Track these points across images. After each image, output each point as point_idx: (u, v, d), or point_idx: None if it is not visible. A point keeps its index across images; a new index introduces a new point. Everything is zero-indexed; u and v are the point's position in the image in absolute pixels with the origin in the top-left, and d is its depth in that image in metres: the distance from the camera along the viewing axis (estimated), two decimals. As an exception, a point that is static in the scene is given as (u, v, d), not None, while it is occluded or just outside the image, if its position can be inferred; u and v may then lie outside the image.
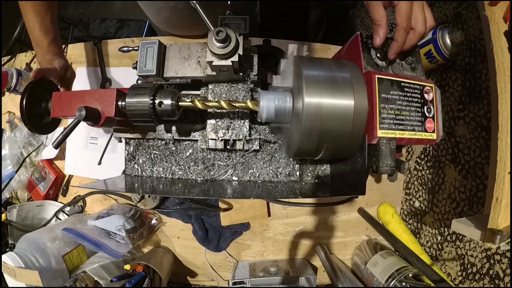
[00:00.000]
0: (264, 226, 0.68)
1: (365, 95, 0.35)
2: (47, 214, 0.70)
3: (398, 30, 0.37)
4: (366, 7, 0.42)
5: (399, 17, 0.37)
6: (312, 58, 0.38)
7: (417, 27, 0.37)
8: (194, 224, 0.66)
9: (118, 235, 0.58)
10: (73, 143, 0.71)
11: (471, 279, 0.49)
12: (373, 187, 0.69)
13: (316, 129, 0.34)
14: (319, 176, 0.50)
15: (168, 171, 0.49)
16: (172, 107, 0.38)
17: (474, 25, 0.51)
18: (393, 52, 0.39)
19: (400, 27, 0.37)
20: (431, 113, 0.40)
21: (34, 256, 0.53)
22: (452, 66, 0.56)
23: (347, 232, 0.68)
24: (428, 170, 0.62)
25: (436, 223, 0.58)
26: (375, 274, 0.56)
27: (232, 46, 0.35)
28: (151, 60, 0.42)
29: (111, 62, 0.73)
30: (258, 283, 0.57)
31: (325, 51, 0.71)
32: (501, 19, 0.38)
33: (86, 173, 0.70)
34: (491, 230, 0.35)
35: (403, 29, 0.37)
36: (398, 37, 0.37)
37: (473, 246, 0.49)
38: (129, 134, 0.47)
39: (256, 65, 0.44)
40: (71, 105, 0.40)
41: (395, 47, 0.38)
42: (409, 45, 0.38)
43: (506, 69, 0.36)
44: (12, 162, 0.71)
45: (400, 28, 0.37)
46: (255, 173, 0.49)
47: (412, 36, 0.38)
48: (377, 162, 0.37)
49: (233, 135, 0.44)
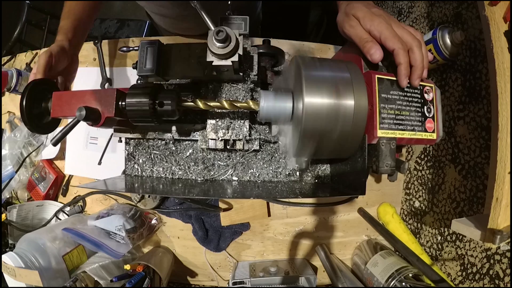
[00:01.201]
0: (264, 226, 0.68)
1: (365, 95, 0.35)
2: (47, 214, 0.70)
3: (397, 52, 0.36)
4: (347, 38, 0.42)
5: (390, 42, 0.36)
6: (312, 58, 0.38)
7: (413, 42, 0.37)
8: (194, 224, 0.66)
9: (118, 235, 0.58)
10: (73, 143, 0.71)
11: (471, 279, 0.49)
12: (373, 187, 0.69)
13: (316, 129, 0.34)
14: (319, 176, 0.50)
15: (168, 171, 0.49)
16: (172, 107, 0.38)
17: (474, 25, 0.51)
18: (403, 77, 0.37)
19: (397, 48, 0.36)
20: (431, 113, 0.40)
21: (34, 256, 0.53)
22: (452, 66, 0.56)
23: (347, 232, 0.68)
24: (428, 170, 0.62)
25: (436, 223, 0.58)
26: (375, 274, 0.56)
27: (232, 46, 0.35)
28: (151, 60, 0.42)
29: (111, 62, 0.73)
30: (258, 283, 0.57)
31: (325, 51, 0.71)
32: (501, 19, 0.38)
33: (86, 173, 0.70)
34: (491, 230, 0.35)
35: (399, 49, 0.36)
36: (400, 58, 0.36)
37: (473, 246, 0.49)
38: (129, 134, 0.47)
39: (256, 65, 0.44)
40: (71, 105, 0.40)
41: (402, 70, 0.36)
42: (419, 61, 0.37)
43: (506, 69, 0.36)
44: (12, 162, 0.71)
45: (397, 49, 0.36)
46: (255, 173, 0.49)
47: (415, 49, 0.37)
48: (377, 162, 0.37)
49: (233, 135, 0.44)
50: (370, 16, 0.38)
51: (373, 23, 0.38)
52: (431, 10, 0.64)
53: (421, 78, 0.37)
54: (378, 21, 0.38)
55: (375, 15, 0.38)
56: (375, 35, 0.37)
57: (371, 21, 0.38)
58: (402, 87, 0.38)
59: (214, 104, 0.39)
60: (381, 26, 0.37)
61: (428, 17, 0.65)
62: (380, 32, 0.37)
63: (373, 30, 0.38)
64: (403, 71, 0.37)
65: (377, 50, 0.36)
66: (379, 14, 0.39)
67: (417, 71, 0.37)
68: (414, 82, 0.37)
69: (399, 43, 0.36)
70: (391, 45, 0.36)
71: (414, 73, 0.37)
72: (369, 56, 0.37)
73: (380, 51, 0.37)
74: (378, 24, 0.37)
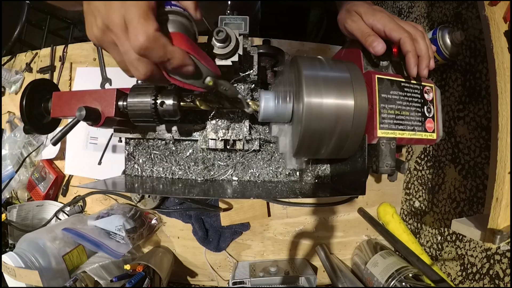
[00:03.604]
0: (264, 226, 0.68)
1: (365, 95, 0.35)
2: (47, 214, 0.70)
3: (404, 41, 0.36)
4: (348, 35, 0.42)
5: (395, 33, 0.36)
6: (312, 58, 0.38)
7: (417, 33, 0.37)
8: (194, 224, 0.65)
9: (118, 235, 0.58)
10: (73, 143, 0.71)
11: (471, 279, 0.49)
12: (373, 187, 0.69)
13: (316, 129, 0.34)
14: (319, 176, 0.50)
15: (168, 171, 0.49)
16: (174, 107, 0.38)
17: (474, 25, 0.51)
18: (413, 64, 0.37)
19: (404, 37, 0.36)
20: (431, 113, 0.40)
21: (34, 256, 0.53)
22: (452, 66, 0.56)
23: (347, 232, 0.68)
24: (428, 170, 0.62)
25: (436, 223, 0.58)
26: (375, 274, 0.56)
27: (232, 46, 0.35)
28: (151, 60, 0.42)
29: (111, 62, 0.73)
30: (258, 283, 0.57)
31: (325, 51, 0.71)
32: (501, 19, 0.38)
33: (86, 173, 0.70)
34: (491, 230, 0.35)
35: (406, 38, 0.36)
36: (407, 46, 0.36)
37: (473, 246, 0.49)
38: (129, 134, 0.47)
39: (256, 65, 0.44)
40: (71, 105, 0.40)
41: (411, 58, 0.36)
42: (424, 50, 0.37)
43: (506, 69, 0.36)
44: (12, 162, 0.71)
45: (404, 38, 0.36)
46: (255, 173, 0.49)
47: (420, 40, 0.37)
48: (377, 162, 0.37)
49: (233, 135, 0.44)
50: (372, 11, 0.39)
51: (375, 17, 0.38)
52: (431, 10, 0.64)
53: (428, 68, 0.37)
54: (381, 15, 0.38)
55: (376, 10, 0.39)
56: (379, 29, 0.38)
57: (374, 16, 0.38)
58: (412, 76, 0.38)
59: (214, 105, 0.39)
60: (384, 19, 0.37)
61: (428, 17, 0.65)
62: (384, 25, 0.37)
63: (376, 24, 0.38)
64: (411, 59, 0.36)
65: (379, 42, 0.37)
66: (380, 10, 0.39)
67: (424, 60, 0.37)
68: (423, 71, 0.37)
69: (405, 33, 0.36)
70: (397, 35, 0.36)
71: (421, 63, 0.37)
72: (372, 49, 0.37)
73: (383, 43, 0.37)
74: (381, 17, 0.38)
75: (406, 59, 0.37)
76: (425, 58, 0.37)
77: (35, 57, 0.78)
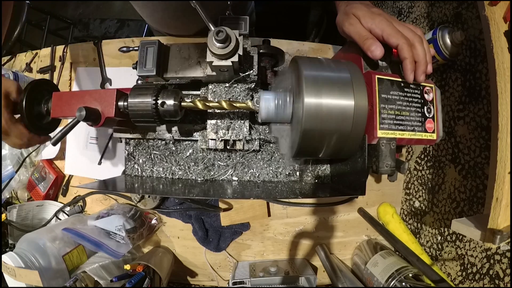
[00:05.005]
0: (264, 226, 0.68)
1: (365, 95, 0.35)
2: (47, 214, 0.70)
3: (401, 47, 0.36)
4: (347, 37, 0.42)
5: (393, 38, 0.36)
6: (312, 58, 0.38)
7: (415, 38, 0.37)
8: (194, 224, 0.66)
9: (118, 235, 0.58)
10: (73, 143, 0.71)
11: (471, 279, 0.49)
12: (373, 187, 0.69)
13: (316, 129, 0.34)
14: (319, 176, 0.50)
15: (168, 171, 0.49)
16: (174, 107, 0.38)
17: (474, 25, 0.51)
18: (410, 71, 0.37)
19: (401, 44, 0.36)
20: (431, 113, 0.40)
21: (34, 256, 0.53)
22: (452, 66, 0.56)
23: (347, 232, 0.68)
24: (428, 170, 0.62)
25: (436, 223, 0.58)
26: (375, 274, 0.56)
27: (232, 46, 0.35)
28: (151, 60, 0.42)
29: (111, 62, 0.73)
30: (258, 283, 0.57)
31: (325, 51, 0.71)
32: (501, 19, 0.38)
33: (86, 173, 0.70)
34: (491, 230, 0.35)
35: (403, 44, 0.36)
36: (404, 53, 0.36)
37: (473, 246, 0.49)
38: (129, 134, 0.47)
39: (256, 65, 0.44)
40: (71, 105, 0.40)
41: (408, 65, 0.36)
42: (422, 56, 0.37)
43: (506, 69, 0.36)
44: (12, 162, 0.71)
45: (401, 44, 0.36)
46: (255, 173, 0.49)
47: (417, 45, 0.37)
48: (377, 162, 0.37)
49: (233, 135, 0.44)
50: (370, 15, 0.39)
51: (374, 21, 0.38)
52: (431, 10, 0.64)
53: (425, 73, 0.37)
54: (379, 19, 0.38)
55: (375, 13, 0.39)
56: (377, 33, 0.38)
57: (372, 19, 0.38)
58: (409, 82, 0.38)
59: (214, 105, 0.39)
60: (382, 24, 0.37)
61: (428, 17, 0.65)
62: (382, 30, 0.37)
63: (375, 28, 0.38)
64: (408, 66, 0.36)
65: (377, 46, 0.36)
66: (379, 13, 0.39)
67: (421, 66, 0.37)
68: (420, 77, 0.37)
69: (402, 38, 0.36)
70: (395, 41, 0.36)
71: (418, 69, 0.37)
72: (370, 53, 0.37)
73: (381, 47, 0.37)
74: (379, 22, 0.37)
75: (403, 65, 0.37)
76: (422, 64, 0.37)
77: (35, 57, 0.78)
